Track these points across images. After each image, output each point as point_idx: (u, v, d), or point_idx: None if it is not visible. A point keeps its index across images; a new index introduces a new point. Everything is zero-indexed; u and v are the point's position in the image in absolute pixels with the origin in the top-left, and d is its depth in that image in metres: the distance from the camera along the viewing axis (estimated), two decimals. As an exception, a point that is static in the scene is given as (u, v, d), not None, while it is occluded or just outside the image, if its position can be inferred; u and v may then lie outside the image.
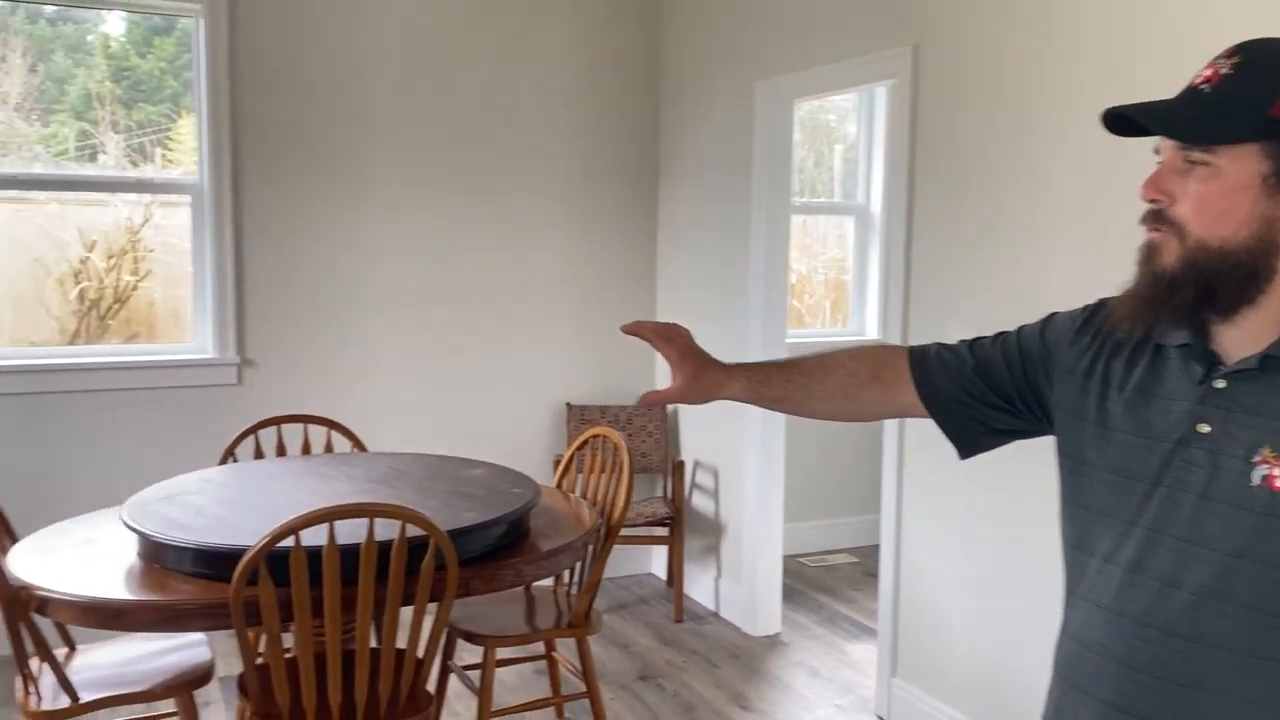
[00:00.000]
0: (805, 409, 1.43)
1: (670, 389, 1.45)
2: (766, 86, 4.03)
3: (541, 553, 2.58)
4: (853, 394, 1.39)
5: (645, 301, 4.90)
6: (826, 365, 1.40)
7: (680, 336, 1.45)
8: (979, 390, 1.32)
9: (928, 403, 1.35)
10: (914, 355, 1.37)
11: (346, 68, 4.25)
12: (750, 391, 1.43)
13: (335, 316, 4.32)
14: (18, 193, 3.91)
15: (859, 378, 1.39)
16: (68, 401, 3.93)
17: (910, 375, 1.35)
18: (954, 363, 1.34)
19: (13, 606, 2.26)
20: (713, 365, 1.44)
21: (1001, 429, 1.33)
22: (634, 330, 1.46)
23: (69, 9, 3.95)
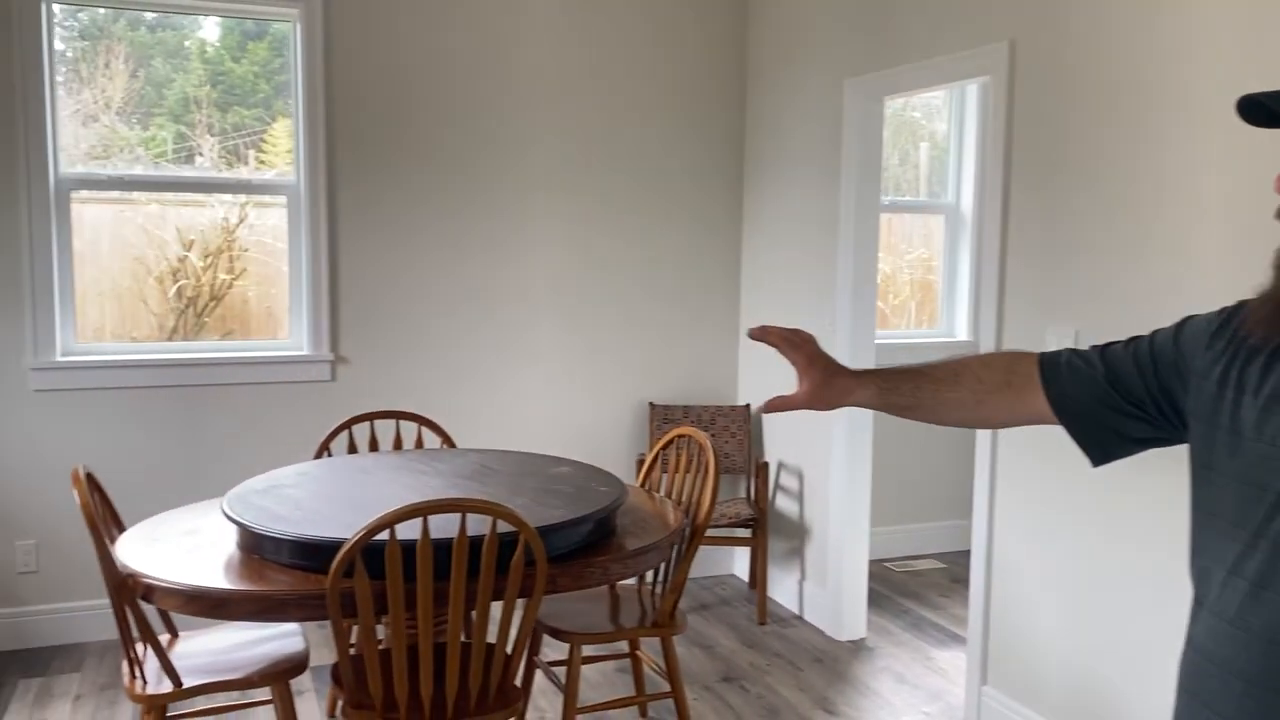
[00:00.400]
0: (935, 416, 1.41)
1: (797, 395, 1.44)
2: (857, 84, 3.98)
3: (628, 551, 2.58)
4: (984, 401, 1.37)
5: (729, 301, 4.88)
6: (957, 372, 1.38)
7: (807, 343, 1.44)
8: (1111, 398, 1.27)
9: (1058, 410, 1.31)
10: (1044, 362, 1.33)
11: (437, 69, 4.31)
12: (879, 398, 1.42)
13: (425, 316, 4.39)
14: (120, 193, 4.05)
15: (990, 385, 1.36)
16: (168, 395, 4.06)
17: (1040, 382, 1.32)
18: (1085, 369, 1.30)
19: (121, 593, 2.34)
20: (841, 371, 1.43)
21: (1137, 437, 1.28)
22: (760, 336, 1.45)
23: (168, 14, 4.08)
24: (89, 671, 3.76)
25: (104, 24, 4.00)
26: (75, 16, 3.95)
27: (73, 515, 3.98)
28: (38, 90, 3.80)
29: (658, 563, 2.74)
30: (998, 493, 3.34)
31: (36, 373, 3.88)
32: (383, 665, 2.31)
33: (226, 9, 4.07)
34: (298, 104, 4.16)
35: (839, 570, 4.19)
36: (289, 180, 4.22)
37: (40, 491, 3.94)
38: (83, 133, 4.00)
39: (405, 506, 2.18)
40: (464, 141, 4.38)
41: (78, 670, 3.77)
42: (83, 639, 4.02)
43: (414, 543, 2.22)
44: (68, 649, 3.96)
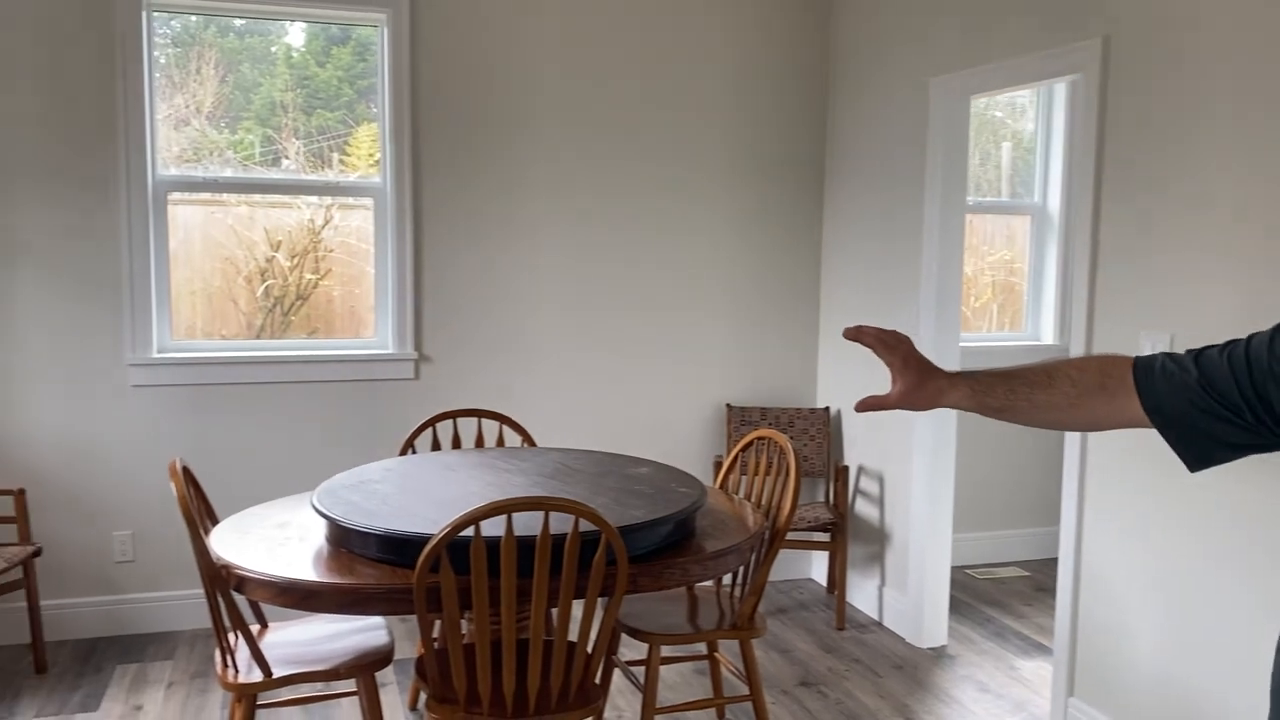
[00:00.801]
0: (1028, 418, 1.40)
1: (891, 395, 1.45)
2: (942, 83, 3.92)
3: (707, 553, 2.58)
4: (1077, 404, 1.35)
5: (808, 302, 4.84)
6: (1051, 375, 1.36)
7: (902, 344, 1.45)
8: (1206, 402, 1.24)
9: (1153, 415, 1.29)
10: (1139, 366, 1.31)
11: (519, 70, 4.36)
12: (973, 400, 1.41)
13: (506, 315, 4.44)
14: (210, 195, 4.17)
15: (1084, 388, 1.34)
16: (257, 392, 4.17)
17: (1135, 386, 1.30)
18: (1179, 374, 1.27)
19: (215, 584, 2.41)
20: (935, 373, 1.44)
21: (1233, 443, 1.25)
22: (855, 336, 1.46)
23: (255, 21, 4.18)
24: (181, 659, 3.88)
25: (195, 31, 4.12)
26: (168, 24, 4.08)
27: (167, 507, 4.11)
28: (137, 95, 3.94)
29: (737, 565, 2.73)
30: (1087, 499, 3.26)
31: (134, 368, 4.01)
32: (466, 660, 2.34)
33: (316, 15, 4.17)
34: (384, 107, 4.24)
35: (920, 576, 4.13)
36: (375, 182, 4.31)
37: (137, 484, 4.07)
38: (174, 136, 4.13)
39: (490, 504, 2.21)
40: (545, 142, 4.42)
41: (170, 658, 3.89)
42: (176, 627, 4.15)
43: (498, 539, 2.25)
44: (161, 636, 4.09)
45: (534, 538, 2.29)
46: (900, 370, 1.44)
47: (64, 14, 3.84)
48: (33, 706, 3.46)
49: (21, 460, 3.94)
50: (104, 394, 4.00)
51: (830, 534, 4.34)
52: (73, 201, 3.91)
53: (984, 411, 1.42)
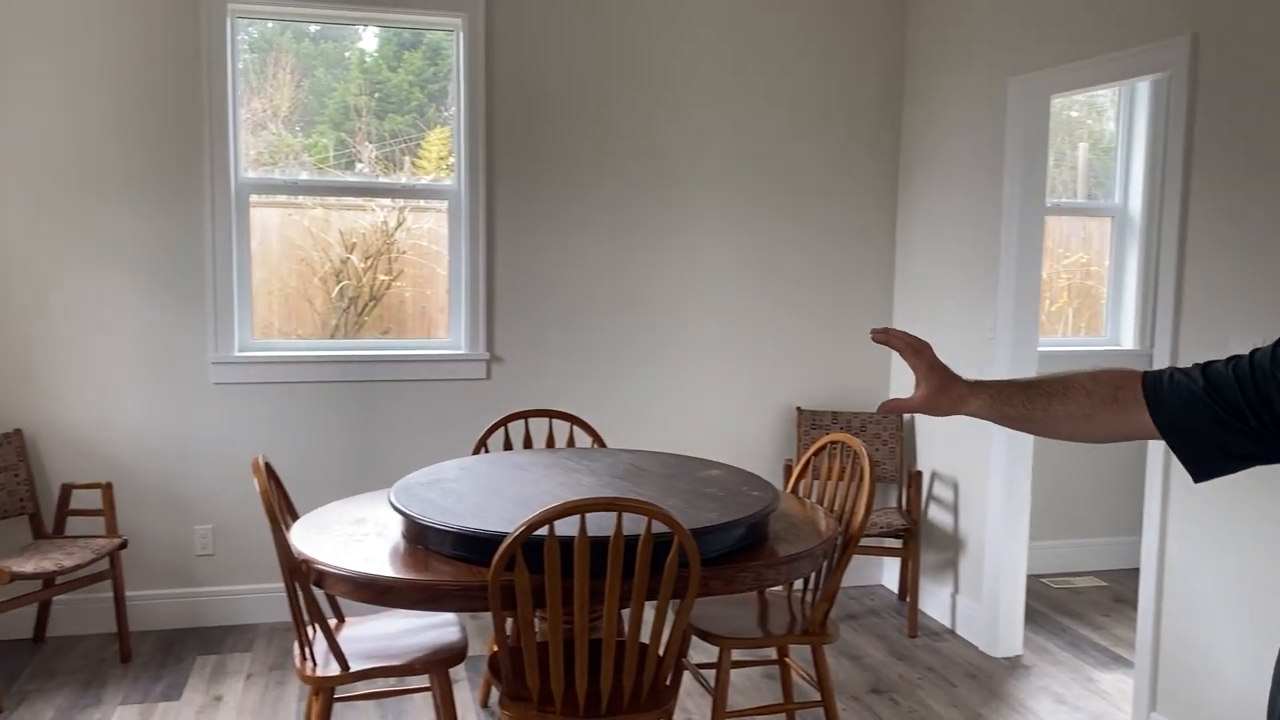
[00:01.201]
0: (1044, 428, 1.45)
1: (914, 398, 1.51)
2: (1021, 82, 3.85)
3: (780, 557, 2.56)
4: (1092, 415, 1.39)
5: (882, 306, 4.79)
6: (1067, 386, 1.41)
7: (927, 349, 1.50)
8: (1212, 410, 1.29)
9: (1160, 424, 1.34)
10: (1147, 378, 1.37)
11: (593, 75, 4.38)
12: (991, 409, 1.46)
13: (576, 316, 4.46)
14: (287, 197, 4.26)
15: (1098, 399, 1.38)
16: (334, 390, 4.25)
17: (1144, 397, 1.35)
18: (1186, 384, 1.32)
19: (296, 578, 2.46)
20: (957, 380, 1.49)
21: (1240, 453, 1.29)
22: (884, 339, 1.52)
23: (330, 26, 4.26)
24: (259, 651, 3.96)
25: (271, 36, 4.21)
26: (246, 30, 4.17)
27: (246, 502, 4.21)
28: (221, 100, 4.04)
29: (810, 570, 2.70)
30: (1171, 508, 3.17)
31: (216, 366, 4.11)
32: (539, 659, 2.35)
33: (394, 20, 4.23)
34: (459, 110, 4.29)
35: (995, 584, 4.06)
36: (449, 185, 4.36)
37: (217, 479, 4.17)
38: (252, 140, 4.22)
39: (564, 504, 2.22)
40: (618, 146, 4.43)
41: (249, 650, 3.98)
42: (254, 620, 4.25)
43: (571, 539, 2.26)
44: (240, 629, 4.18)
45: (607, 538, 2.30)
46: (925, 375, 1.49)
47: (150, 23, 3.96)
48: (118, 694, 3.56)
49: (109, 455, 4.06)
50: (187, 392, 4.11)
51: (903, 540, 4.28)
52: (158, 205, 4.03)
53: (1001, 420, 1.47)
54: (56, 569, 3.51)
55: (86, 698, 3.52)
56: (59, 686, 3.61)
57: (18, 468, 3.89)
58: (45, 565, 3.52)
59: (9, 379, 3.95)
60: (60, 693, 3.56)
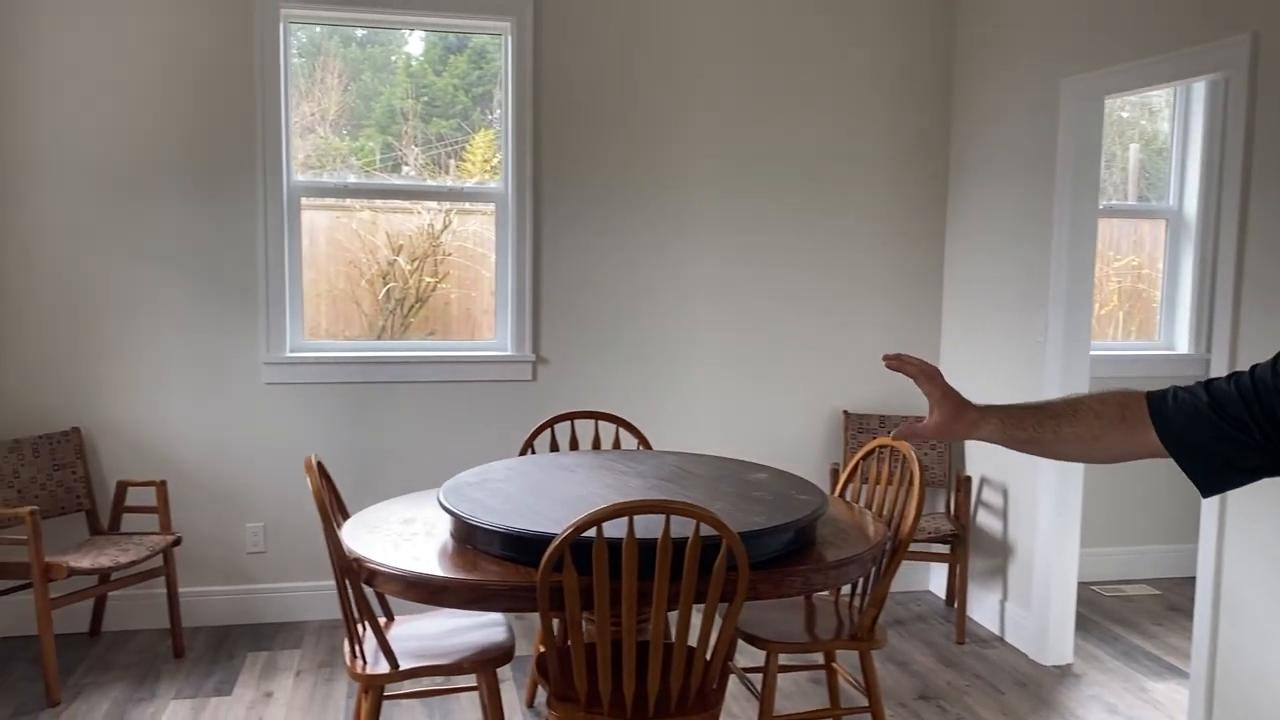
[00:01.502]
0: (1053, 450, 1.48)
1: (929, 425, 1.55)
2: (1074, 83, 3.80)
3: (829, 562, 2.54)
4: (1100, 436, 1.42)
5: (930, 309, 4.74)
6: (1076, 408, 1.45)
7: (940, 376, 1.54)
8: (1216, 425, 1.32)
9: (1166, 441, 1.37)
10: (1152, 397, 1.40)
11: (639, 78, 4.38)
12: (1002, 433, 1.50)
13: (622, 319, 4.47)
14: (335, 200, 4.31)
15: (1106, 420, 1.42)
16: (382, 391, 4.29)
17: (1150, 416, 1.39)
18: (1190, 401, 1.36)
19: (348, 576, 2.48)
20: (969, 406, 1.53)
21: (1246, 466, 1.32)
22: (897, 366, 1.56)
23: (377, 31, 4.31)
24: (308, 648, 4.01)
25: (320, 41, 4.26)
26: (295, 35, 4.23)
27: (297, 500, 4.26)
28: (274, 104, 4.09)
29: (858, 575, 2.68)
30: (1229, 516, 3.11)
31: (268, 366, 4.17)
32: (587, 660, 2.36)
33: (443, 25, 4.27)
34: (506, 113, 4.31)
35: (1045, 591, 4.00)
36: (497, 187, 4.39)
37: (268, 478, 4.23)
38: (300, 144, 4.28)
39: (612, 505, 2.22)
40: (664, 148, 4.43)
41: (298, 646, 4.03)
42: (303, 617, 4.30)
43: (619, 541, 2.27)
44: (289, 626, 4.24)
45: (655, 540, 2.30)
46: (939, 401, 1.53)
47: (206, 27, 4.02)
48: (171, 689, 3.62)
49: (164, 453, 4.13)
50: (240, 391, 4.17)
51: (950, 546, 4.24)
52: (213, 207, 4.09)
53: (1012, 444, 1.51)
54: (112, 565, 3.57)
55: (141, 691, 3.59)
56: (114, 680, 3.68)
57: (75, 465, 3.98)
58: (101, 561, 3.59)
59: (67, 378, 4.03)
60: (115, 686, 3.63)
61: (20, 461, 3.83)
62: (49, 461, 3.91)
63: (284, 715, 3.43)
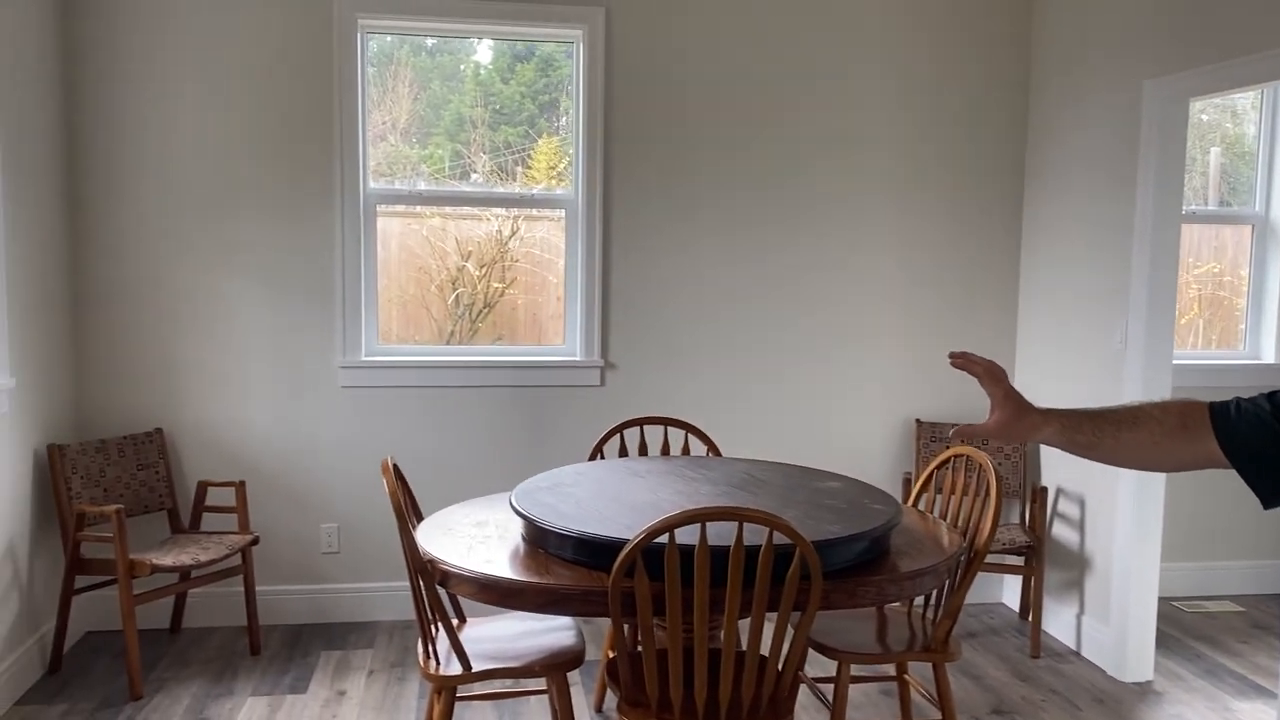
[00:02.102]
0: (1113, 456, 1.48)
1: (989, 424, 1.54)
2: (1158, 85, 3.71)
3: (903, 573, 2.51)
4: (1161, 444, 1.42)
5: (1005, 315, 4.66)
6: (1136, 416, 1.44)
7: (1004, 377, 1.54)
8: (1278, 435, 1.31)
9: (1229, 451, 1.36)
10: (1215, 407, 1.40)
11: (709, 84, 4.38)
12: (1063, 436, 1.49)
13: (690, 325, 4.46)
14: (405, 207, 4.37)
15: (1167, 428, 1.42)
16: (453, 395, 4.34)
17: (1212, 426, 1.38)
18: (1252, 411, 1.35)
19: (423, 577, 2.51)
20: (1030, 408, 1.52)
21: None
22: (963, 365, 1.56)
23: (447, 40, 4.36)
24: (380, 648, 4.07)
25: (390, 51, 4.33)
26: (367, 45, 4.30)
27: (371, 501, 4.33)
28: (352, 113, 4.17)
29: (933, 587, 2.64)
30: (1321, 533, 3.00)
31: (344, 370, 4.25)
32: (658, 666, 2.36)
33: (516, 33, 4.31)
34: (577, 120, 4.34)
35: (1124, 606, 3.90)
36: (566, 194, 4.41)
37: (343, 479, 4.31)
38: (371, 151, 4.35)
39: (684, 512, 2.22)
40: (735, 155, 4.42)
41: (370, 646, 4.09)
42: (375, 618, 4.36)
43: (692, 547, 2.26)
44: (362, 626, 4.30)
45: (727, 548, 2.29)
46: (1001, 402, 1.53)
47: (286, 38, 4.12)
48: (249, 685, 3.70)
49: (243, 454, 4.23)
50: (316, 394, 4.25)
51: (1025, 557, 4.16)
52: (292, 214, 4.18)
53: (1072, 448, 1.50)
54: (193, 563, 3.66)
55: (219, 687, 3.67)
56: (194, 675, 3.77)
57: (158, 465, 4.09)
58: (183, 559, 3.68)
59: (151, 381, 4.15)
60: (195, 681, 3.71)
61: (106, 461, 3.95)
62: (133, 461, 4.02)
63: (357, 714, 3.49)
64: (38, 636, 3.75)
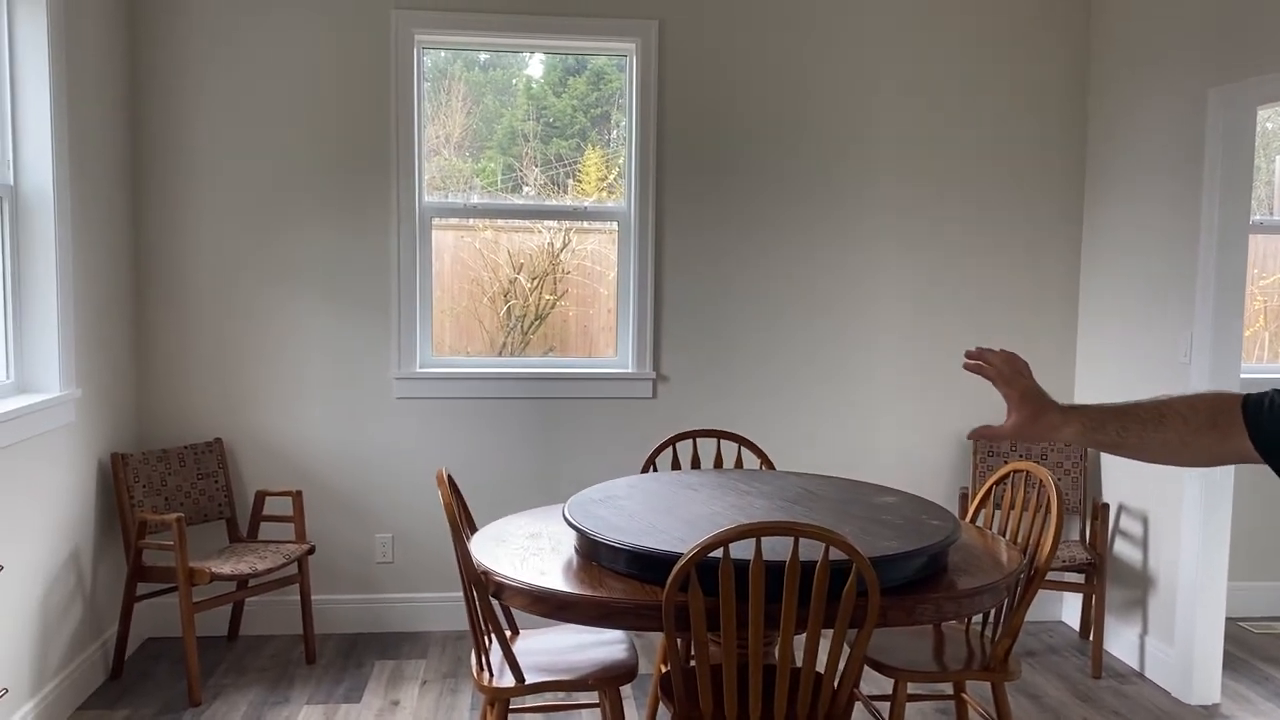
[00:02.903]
0: (1139, 455, 1.43)
1: (1005, 426, 1.51)
2: (1224, 93, 3.63)
3: (962, 590, 2.47)
4: (1189, 442, 1.38)
5: (1064, 329, 4.58)
6: (1162, 413, 1.40)
7: (1021, 378, 1.51)
8: None
9: (1262, 449, 1.32)
10: (1249, 402, 1.36)
11: (762, 96, 4.36)
12: (1085, 436, 1.45)
13: (742, 337, 4.44)
14: (458, 220, 4.40)
15: (1195, 426, 1.38)
16: (505, 407, 4.36)
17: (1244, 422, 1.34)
18: None
19: (477, 588, 2.52)
20: (1050, 407, 1.48)
21: None
22: (976, 368, 1.53)
23: (499, 54, 4.40)
24: (433, 659, 4.09)
25: (444, 66, 4.38)
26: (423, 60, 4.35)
27: (425, 512, 4.36)
28: (408, 126, 4.22)
29: (992, 605, 2.59)
30: (1398, 554, 2.90)
31: (399, 382, 4.28)
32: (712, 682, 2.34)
33: (572, 47, 4.33)
34: (631, 133, 4.35)
35: (1189, 626, 3.80)
36: (619, 206, 4.42)
37: (398, 490, 4.34)
38: (425, 165, 4.39)
39: (740, 526, 2.20)
40: (788, 168, 4.40)
41: (423, 656, 4.11)
42: (428, 628, 4.39)
43: (746, 562, 2.24)
44: (415, 636, 4.33)
45: (782, 563, 2.27)
46: (1016, 404, 1.49)
47: (344, 54, 4.17)
48: (304, 694, 3.73)
49: (300, 464, 4.28)
50: (372, 405, 4.29)
51: (1086, 575, 4.07)
52: (349, 227, 4.23)
53: (1096, 446, 1.45)
54: (251, 571, 3.71)
55: (275, 695, 3.71)
56: (250, 683, 3.81)
57: (218, 474, 4.15)
58: (241, 568, 3.73)
59: (212, 391, 4.22)
60: (252, 689, 3.76)
61: (168, 470, 4.02)
62: (194, 470, 4.09)
63: (410, 724, 3.51)
64: (100, 642, 3.82)
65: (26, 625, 3.28)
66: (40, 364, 3.46)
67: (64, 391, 3.47)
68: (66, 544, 3.56)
